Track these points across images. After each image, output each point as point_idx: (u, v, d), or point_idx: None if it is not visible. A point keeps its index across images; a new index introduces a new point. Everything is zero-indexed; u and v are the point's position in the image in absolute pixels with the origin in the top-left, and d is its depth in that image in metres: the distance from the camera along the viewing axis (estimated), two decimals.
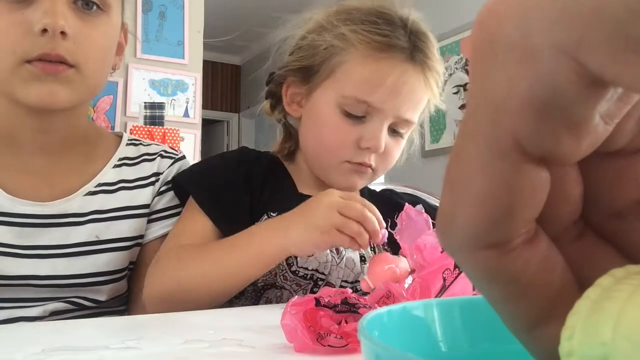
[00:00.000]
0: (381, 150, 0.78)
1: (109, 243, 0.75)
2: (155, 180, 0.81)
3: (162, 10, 3.17)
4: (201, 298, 0.68)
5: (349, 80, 0.76)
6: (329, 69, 0.78)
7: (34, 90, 0.67)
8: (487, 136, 0.14)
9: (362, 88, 0.75)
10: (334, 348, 0.41)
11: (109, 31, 0.73)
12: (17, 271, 0.69)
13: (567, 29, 0.12)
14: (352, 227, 0.65)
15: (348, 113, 0.77)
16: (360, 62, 0.76)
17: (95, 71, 0.72)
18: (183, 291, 0.68)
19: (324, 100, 0.79)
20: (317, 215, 0.66)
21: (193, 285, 0.68)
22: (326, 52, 0.78)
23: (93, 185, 0.76)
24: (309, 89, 0.81)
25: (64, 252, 0.72)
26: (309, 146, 0.83)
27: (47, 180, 0.74)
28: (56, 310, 0.71)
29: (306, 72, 0.80)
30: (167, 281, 0.69)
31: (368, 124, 0.77)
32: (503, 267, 0.15)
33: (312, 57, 0.79)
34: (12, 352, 0.41)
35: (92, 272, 0.73)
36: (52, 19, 0.65)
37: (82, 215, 0.74)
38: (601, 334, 0.14)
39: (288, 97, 0.84)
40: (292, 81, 0.83)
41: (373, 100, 0.75)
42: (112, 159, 0.80)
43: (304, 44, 0.81)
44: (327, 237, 0.65)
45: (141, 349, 0.43)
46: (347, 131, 0.77)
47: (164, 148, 0.86)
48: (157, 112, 2.77)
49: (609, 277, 0.15)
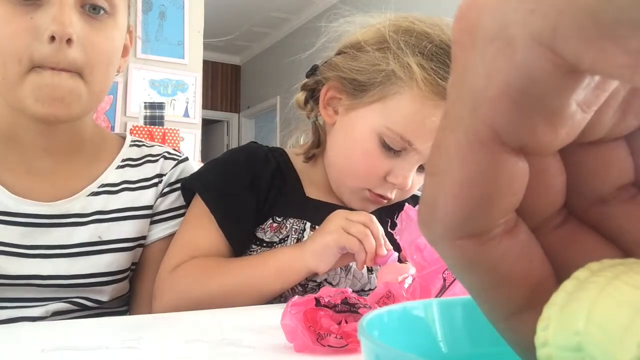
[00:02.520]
0: (407, 189, 0.76)
1: (112, 244, 0.75)
2: (158, 182, 0.81)
3: (162, 10, 3.17)
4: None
5: (400, 114, 0.72)
6: (382, 94, 0.73)
7: (42, 108, 0.67)
8: (466, 127, 0.14)
9: (411, 128, 0.71)
10: (334, 348, 0.41)
11: (115, 35, 0.73)
12: (20, 271, 0.69)
13: (541, 18, 0.12)
14: (354, 242, 0.68)
15: (386, 145, 0.73)
16: (419, 101, 0.71)
17: (100, 78, 0.72)
18: (199, 307, 0.68)
19: (366, 122, 0.75)
20: (326, 228, 0.70)
21: (212, 302, 0.69)
22: (385, 77, 0.73)
23: (96, 186, 0.76)
24: (352, 104, 0.76)
25: (67, 252, 0.72)
26: (336, 162, 0.80)
27: (51, 181, 0.74)
28: (58, 310, 0.71)
29: (356, 85, 0.75)
30: (183, 297, 0.70)
31: (401, 161, 0.74)
32: (482, 257, 0.15)
33: (367, 73, 0.74)
34: (12, 352, 0.41)
35: (95, 273, 0.73)
36: (60, 26, 0.65)
37: (85, 216, 0.74)
38: (575, 323, 0.14)
39: (326, 99, 0.80)
40: (335, 86, 0.78)
41: (417, 142, 0.72)
42: (115, 160, 0.80)
43: (360, 55, 0.75)
44: (335, 236, 0.68)
45: (141, 349, 0.43)
46: (379, 162, 0.74)
47: (167, 149, 0.86)
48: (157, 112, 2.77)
49: (585, 271, 0.15)
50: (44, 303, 0.70)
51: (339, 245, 0.69)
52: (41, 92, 0.66)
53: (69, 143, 0.76)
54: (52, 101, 0.67)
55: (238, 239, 0.76)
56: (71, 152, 0.76)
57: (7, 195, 0.71)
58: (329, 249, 0.69)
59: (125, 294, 0.78)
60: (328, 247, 0.69)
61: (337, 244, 0.69)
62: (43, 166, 0.74)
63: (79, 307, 0.72)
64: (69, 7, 0.67)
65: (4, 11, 0.66)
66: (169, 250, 0.76)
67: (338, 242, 0.69)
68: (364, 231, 0.67)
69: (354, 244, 0.67)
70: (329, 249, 0.69)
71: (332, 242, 0.69)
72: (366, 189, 0.77)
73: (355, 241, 0.67)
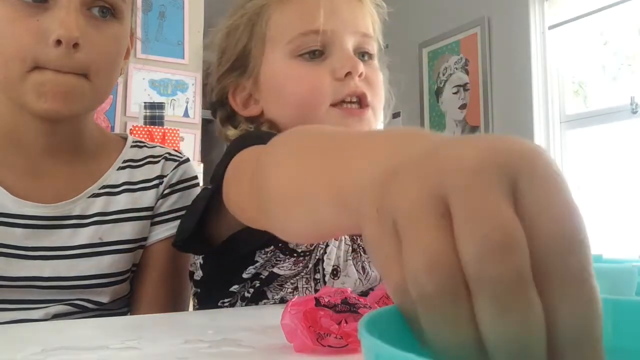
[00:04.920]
0: (361, 69, 0.70)
1: (113, 245, 0.75)
2: (159, 183, 0.81)
3: (162, 10, 3.17)
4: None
5: (285, 27, 0.71)
6: (260, 36, 0.72)
7: (44, 105, 0.67)
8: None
9: (301, 22, 0.69)
10: (334, 348, 0.41)
11: (120, 39, 0.73)
12: (21, 272, 0.69)
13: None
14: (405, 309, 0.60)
15: (305, 53, 0.70)
16: (283, 3, 0.71)
17: (105, 80, 0.72)
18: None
19: (274, 66, 0.72)
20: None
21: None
22: (248, 22, 0.73)
23: (97, 187, 0.76)
24: (253, 77, 0.74)
25: (68, 254, 0.72)
26: (287, 117, 0.73)
27: (52, 182, 0.74)
28: (58, 313, 0.71)
29: (242, 60, 0.74)
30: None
31: (332, 55, 0.70)
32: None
33: (237, 40, 0.74)
34: (12, 352, 0.41)
35: (95, 274, 0.73)
36: (67, 31, 0.65)
37: (86, 217, 0.74)
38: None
39: (240, 103, 0.77)
40: (234, 85, 0.76)
41: (318, 25, 0.68)
42: (116, 162, 0.80)
43: (222, 41, 0.77)
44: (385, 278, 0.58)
45: (141, 349, 0.43)
46: (315, 71, 0.70)
47: (169, 151, 0.86)
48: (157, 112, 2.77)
49: None
50: (45, 305, 0.70)
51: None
52: (44, 87, 0.66)
53: (69, 143, 0.75)
54: (54, 96, 0.66)
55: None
56: (72, 152, 0.76)
57: (7, 196, 0.71)
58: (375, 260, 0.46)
59: (126, 295, 0.78)
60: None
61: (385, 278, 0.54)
62: (44, 167, 0.74)
63: (80, 308, 0.72)
64: (75, 10, 0.66)
65: (8, 12, 0.66)
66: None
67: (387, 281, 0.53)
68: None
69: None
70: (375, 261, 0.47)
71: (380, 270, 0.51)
72: (330, 106, 0.70)
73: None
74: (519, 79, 2.92)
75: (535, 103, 2.85)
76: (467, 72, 3.22)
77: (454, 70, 3.32)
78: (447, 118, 3.35)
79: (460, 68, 3.28)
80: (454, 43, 3.32)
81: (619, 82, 2.69)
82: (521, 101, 2.90)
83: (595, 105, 2.80)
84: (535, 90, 2.86)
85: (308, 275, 0.72)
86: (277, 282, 0.71)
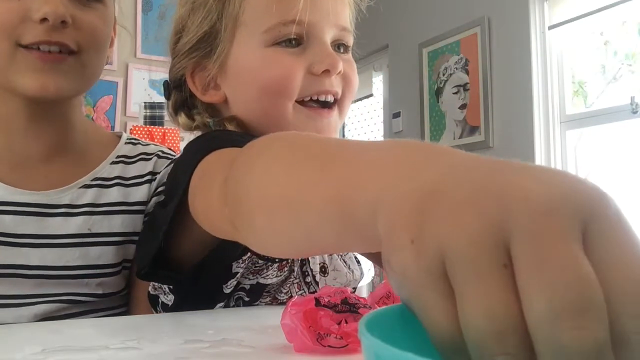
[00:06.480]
0: (340, 68, 0.67)
1: (101, 237, 0.75)
2: (151, 179, 0.81)
3: (162, 10, 3.17)
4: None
5: (262, 13, 0.66)
6: (232, 17, 0.67)
7: (32, 80, 0.67)
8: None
9: (280, 10, 0.65)
10: (334, 348, 0.41)
11: (106, 19, 0.75)
12: (7, 260, 0.69)
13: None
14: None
15: (281, 42, 0.66)
16: None
17: (94, 60, 0.73)
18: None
19: (247, 52, 0.67)
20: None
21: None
22: (219, 0, 0.67)
23: (89, 179, 0.77)
24: (219, 60, 0.68)
25: (55, 243, 0.72)
26: (249, 109, 0.69)
27: (43, 171, 0.75)
28: (47, 314, 0.70)
29: (207, 40, 0.68)
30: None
31: (310, 47, 0.67)
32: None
33: (204, 18, 0.67)
34: (12, 352, 0.41)
35: (82, 265, 0.73)
36: (53, 7, 0.65)
37: (76, 207, 0.74)
38: None
39: (199, 87, 0.71)
40: (193, 66, 0.70)
41: (297, 14, 0.64)
42: (110, 156, 0.81)
43: (185, 16, 0.70)
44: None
45: (141, 349, 0.43)
46: (290, 60, 0.66)
47: (162, 148, 0.86)
48: (157, 112, 2.77)
49: None
50: (31, 301, 0.70)
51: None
52: (33, 64, 0.67)
53: (59, 130, 0.76)
54: (41, 71, 0.67)
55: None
56: (63, 142, 0.76)
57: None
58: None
59: (119, 292, 0.78)
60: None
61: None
62: (35, 156, 0.74)
63: (68, 303, 0.71)
64: None
65: None
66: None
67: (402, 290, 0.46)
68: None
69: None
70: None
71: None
72: (297, 103, 0.67)
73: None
74: (519, 79, 2.92)
75: (535, 103, 2.85)
76: (467, 72, 3.22)
77: (454, 70, 3.31)
78: (447, 118, 3.34)
79: (461, 68, 3.27)
80: (454, 43, 3.32)
81: (619, 82, 2.69)
82: (521, 101, 2.89)
83: (595, 105, 2.80)
84: (535, 90, 2.85)
85: (298, 280, 0.70)
86: (267, 293, 0.68)
